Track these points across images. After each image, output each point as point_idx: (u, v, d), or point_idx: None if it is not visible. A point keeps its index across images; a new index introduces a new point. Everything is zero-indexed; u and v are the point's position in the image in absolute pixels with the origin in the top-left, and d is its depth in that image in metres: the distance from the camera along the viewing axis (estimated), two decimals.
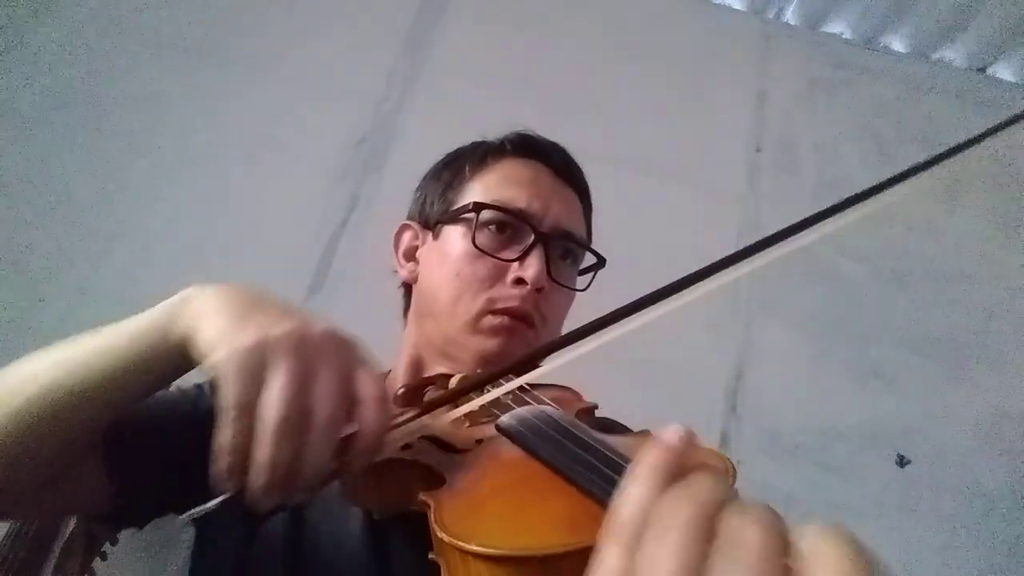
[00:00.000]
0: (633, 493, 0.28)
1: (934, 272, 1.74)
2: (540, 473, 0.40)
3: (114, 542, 1.07)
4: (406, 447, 0.49)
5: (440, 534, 0.37)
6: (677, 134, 1.80)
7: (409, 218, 0.79)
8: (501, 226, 0.70)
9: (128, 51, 1.67)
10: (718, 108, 1.87)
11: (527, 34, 1.87)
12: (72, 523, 0.98)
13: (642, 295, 0.42)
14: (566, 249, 0.73)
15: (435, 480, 0.45)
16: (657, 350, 1.38)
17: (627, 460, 0.36)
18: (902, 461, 1.53)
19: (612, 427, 0.69)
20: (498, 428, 0.46)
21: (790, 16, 2.01)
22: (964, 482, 1.52)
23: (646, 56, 1.89)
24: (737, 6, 2.01)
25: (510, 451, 0.44)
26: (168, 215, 1.53)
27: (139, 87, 1.64)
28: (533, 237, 0.69)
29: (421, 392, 0.63)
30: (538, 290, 0.67)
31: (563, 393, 0.64)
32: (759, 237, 0.43)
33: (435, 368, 0.70)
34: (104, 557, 1.06)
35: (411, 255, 0.77)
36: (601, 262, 0.78)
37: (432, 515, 0.39)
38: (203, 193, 1.57)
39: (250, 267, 1.50)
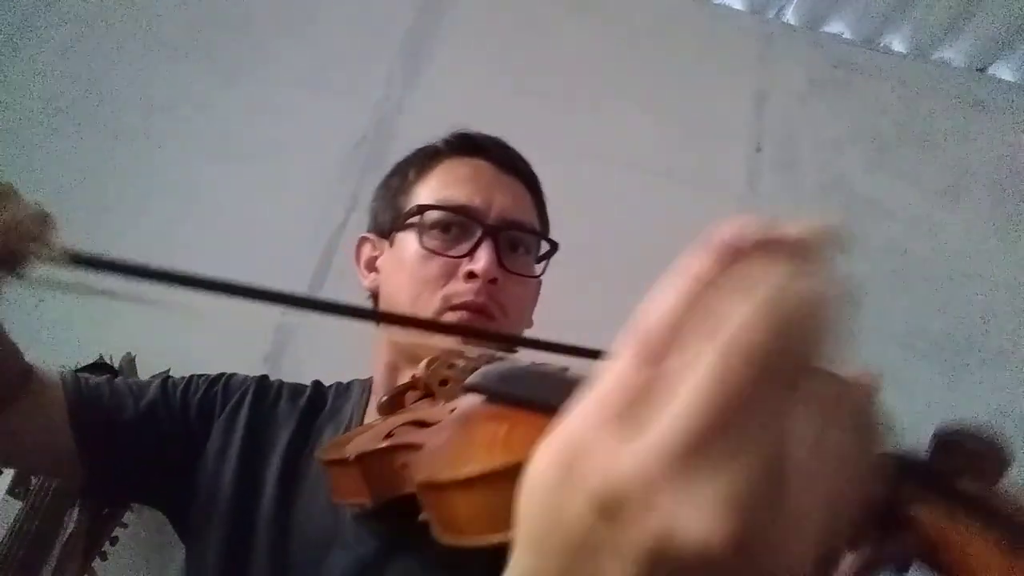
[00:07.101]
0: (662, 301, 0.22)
1: (934, 272, 1.74)
2: (508, 411, 0.41)
3: (114, 542, 1.07)
4: (388, 435, 0.51)
5: (417, 479, 0.37)
6: (677, 134, 1.80)
7: (368, 230, 0.82)
8: (447, 225, 0.71)
9: (128, 52, 1.67)
10: (718, 108, 1.86)
11: (527, 34, 1.87)
12: (72, 523, 0.98)
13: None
14: (516, 239, 0.74)
15: (416, 453, 0.46)
16: None
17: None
18: None
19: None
20: (465, 387, 0.46)
21: (790, 16, 2.01)
22: None
23: (646, 56, 1.89)
24: (737, 6, 2.01)
25: (480, 405, 0.45)
26: (167, 215, 1.53)
27: (138, 88, 1.64)
28: (480, 231, 0.70)
29: (402, 397, 0.64)
30: (492, 281, 0.68)
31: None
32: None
33: (407, 372, 0.71)
34: (104, 557, 1.06)
35: (372, 266, 0.79)
36: (554, 248, 0.79)
37: (410, 473, 0.41)
38: (203, 193, 1.57)
39: (250, 267, 1.50)
